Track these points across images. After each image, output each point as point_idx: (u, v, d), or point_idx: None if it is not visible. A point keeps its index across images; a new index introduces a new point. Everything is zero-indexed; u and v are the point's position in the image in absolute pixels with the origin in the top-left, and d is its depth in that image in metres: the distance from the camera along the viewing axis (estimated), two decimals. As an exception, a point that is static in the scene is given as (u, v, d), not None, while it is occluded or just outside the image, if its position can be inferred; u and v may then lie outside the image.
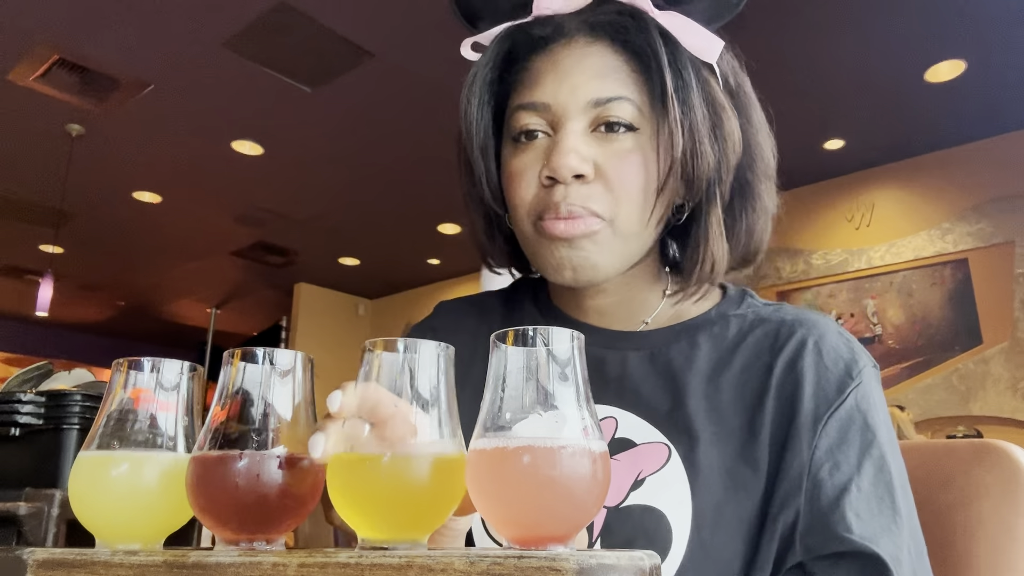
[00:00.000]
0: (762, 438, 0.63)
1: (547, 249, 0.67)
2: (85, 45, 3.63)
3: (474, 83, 0.69)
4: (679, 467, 0.64)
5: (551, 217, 0.65)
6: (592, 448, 0.41)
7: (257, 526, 0.43)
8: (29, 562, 0.44)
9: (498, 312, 0.82)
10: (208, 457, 0.44)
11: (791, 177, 4.31)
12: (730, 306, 0.73)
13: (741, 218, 0.71)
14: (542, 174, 0.66)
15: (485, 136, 0.71)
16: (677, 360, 0.69)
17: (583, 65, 0.66)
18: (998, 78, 3.83)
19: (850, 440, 0.62)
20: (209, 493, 0.43)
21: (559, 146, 0.64)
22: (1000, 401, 4.24)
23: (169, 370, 0.51)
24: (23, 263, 6.91)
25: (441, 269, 6.75)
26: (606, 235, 0.66)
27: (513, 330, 0.43)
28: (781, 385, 0.65)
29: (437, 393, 0.44)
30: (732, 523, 0.61)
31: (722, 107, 0.67)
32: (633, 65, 0.66)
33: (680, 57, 0.65)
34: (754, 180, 0.71)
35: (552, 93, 0.66)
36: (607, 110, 0.65)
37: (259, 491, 0.43)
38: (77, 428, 1.44)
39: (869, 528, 0.58)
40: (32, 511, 1.29)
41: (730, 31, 0.71)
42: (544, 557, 0.33)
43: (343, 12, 3.37)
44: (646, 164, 0.65)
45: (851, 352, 0.67)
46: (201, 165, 4.92)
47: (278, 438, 0.45)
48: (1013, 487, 0.74)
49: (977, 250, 4.44)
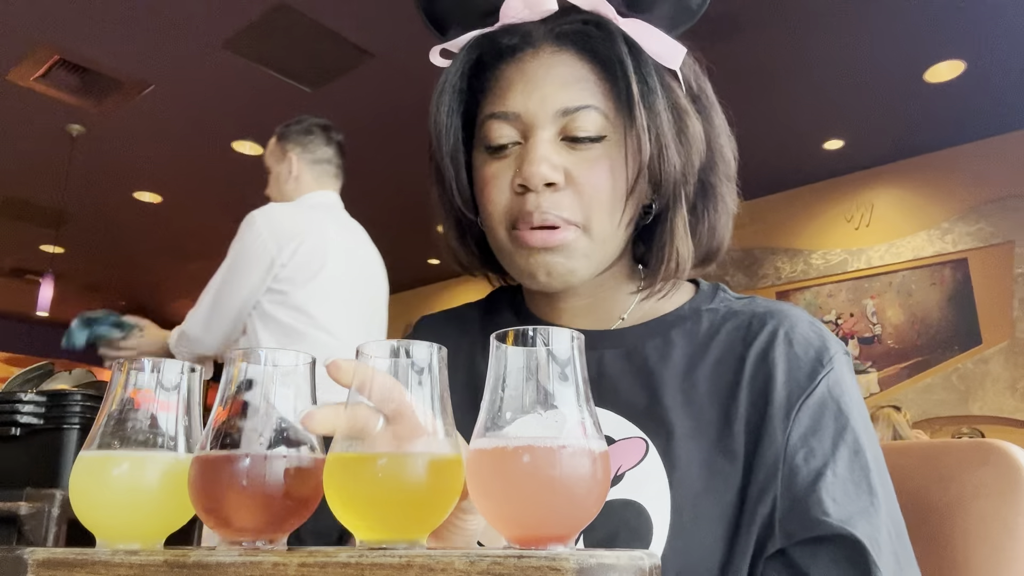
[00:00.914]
0: (737, 429, 0.64)
1: (522, 257, 0.69)
2: (85, 45, 3.63)
3: (443, 91, 0.71)
4: (657, 461, 0.65)
5: (525, 227, 0.67)
6: (592, 448, 0.41)
7: (259, 526, 0.43)
8: (29, 562, 0.44)
9: (477, 322, 0.83)
10: (210, 457, 0.44)
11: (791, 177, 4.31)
12: (703, 301, 0.74)
13: (704, 217, 0.73)
14: (514, 182, 0.68)
15: (455, 143, 0.72)
16: (652, 356, 0.70)
17: (551, 75, 0.68)
18: (998, 78, 3.84)
19: (824, 426, 0.63)
20: (211, 493, 0.43)
21: (530, 155, 0.66)
22: (1000, 401, 4.24)
23: (169, 370, 0.51)
24: (23, 263, 6.91)
25: (441, 269, 6.75)
26: (581, 242, 0.67)
27: (513, 330, 0.43)
28: (754, 376, 0.66)
29: (431, 393, 0.44)
30: (711, 513, 0.62)
31: (685, 111, 0.69)
32: (600, 73, 0.68)
33: (644, 64, 0.67)
34: (716, 181, 0.73)
35: (522, 103, 0.68)
36: (575, 120, 0.67)
37: (261, 491, 0.43)
38: (77, 428, 1.44)
39: (846, 511, 0.59)
40: (32, 511, 1.29)
41: (729, 32, 0.72)
42: (544, 557, 0.33)
43: (343, 12, 3.37)
44: (615, 170, 0.67)
45: (821, 340, 0.68)
46: (201, 165, 4.92)
47: (280, 438, 0.45)
48: (1013, 487, 0.74)
49: (977, 250, 4.44)
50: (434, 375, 0.44)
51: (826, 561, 0.58)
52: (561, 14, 0.69)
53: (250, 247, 1.96)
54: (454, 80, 0.71)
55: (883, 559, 0.58)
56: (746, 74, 3.74)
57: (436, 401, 0.44)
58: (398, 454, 0.42)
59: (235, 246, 1.99)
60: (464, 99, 0.72)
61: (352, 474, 0.42)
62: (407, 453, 0.42)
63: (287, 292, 1.94)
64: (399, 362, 0.44)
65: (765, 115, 4.15)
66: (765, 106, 4.07)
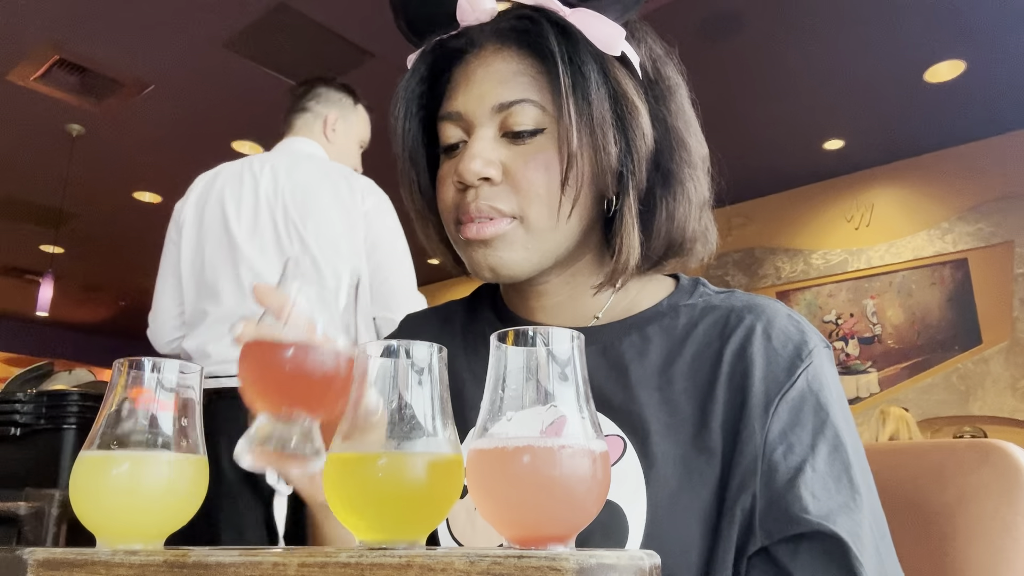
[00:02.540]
0: (714, 426, 0.64)
1: (467, 252, 0.71)
2: (85, 45, 3.63)
3: (397, 96, 0.74)
4: (634, 459, 0.64)
5: (465, 220, 0.69)
6: (592, 448, 0.41)
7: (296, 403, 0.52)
8: (29, 562, 0.44)
9: (459, 319, 0.84)
10: (265, 343, 0.51)
11: (791, 177, 4.32)
12: (682, 296, 0.74)
13: (661, 206, 0.71)
14: (454, 179, 0.69)
15: (414, 146, 0.75)
16: (629, 353, 0.70)
17: (489, 72, 0.69)
18: (998, 78, 3.84)
19: (803, 421, 0.62)
20: (262, 373, 0.52)
21: (466, 152, 0.68)
22: (1000, 401, 4.25)
23: (169, 370, 0.51)
24: (23, 263, 6.91)
25: (441, 269, 6.69)
26: (518, 233, 0.68)
27: (513, 330, 0.43)
28: (731, 372, 0.65)
29: (431, 393, 0.44)
30: (688, 512, 0.62)
31: (628, 99, 0.68)
32: (538, 67, 0.69)
33: (579, 53, 0.67)
34: (675, 167, 0.71)
35: (463, 102, 0.70)
36: (511, 115, 0.68)
37: (301, 373, 0.51)
38: (77, 428, 1.44)
39: (826, 507, 0.58)
40: (32, 511, 1.29)
41: (729, 32, 0.72)
42: (544, 557, 0.33)
43: (343, 12, 3.37)
44: (552, 162, 0.68)
45: (801, 334, 0.67)
46: (201, 165, 4.90)
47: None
48: (1013, 487, 0.74)
49: (977, 250, 4.44)
50: (434, 375, 0.44)
51: (808, 558, 0.58)
52: (506, 13, 0.71)
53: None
54: (409, 84, 0.73)
55: (866, 555, 0.57)
56: (746, 74, 3.74)
57: (436, 401, 0.44)
58: (398, 454, 0.42)
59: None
60: (424, 103, 0.74)
61: (352, 474, 0.42)
62: (407, 453, 0.42)
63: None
64: (399, 362, 0.44)
65: (765, 115, 4.15)
66: (765, 106, 4.07)
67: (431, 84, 0.74)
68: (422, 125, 0.75)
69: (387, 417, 0.43)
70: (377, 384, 0.44)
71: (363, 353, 0.45)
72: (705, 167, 0.75)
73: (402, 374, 0.44)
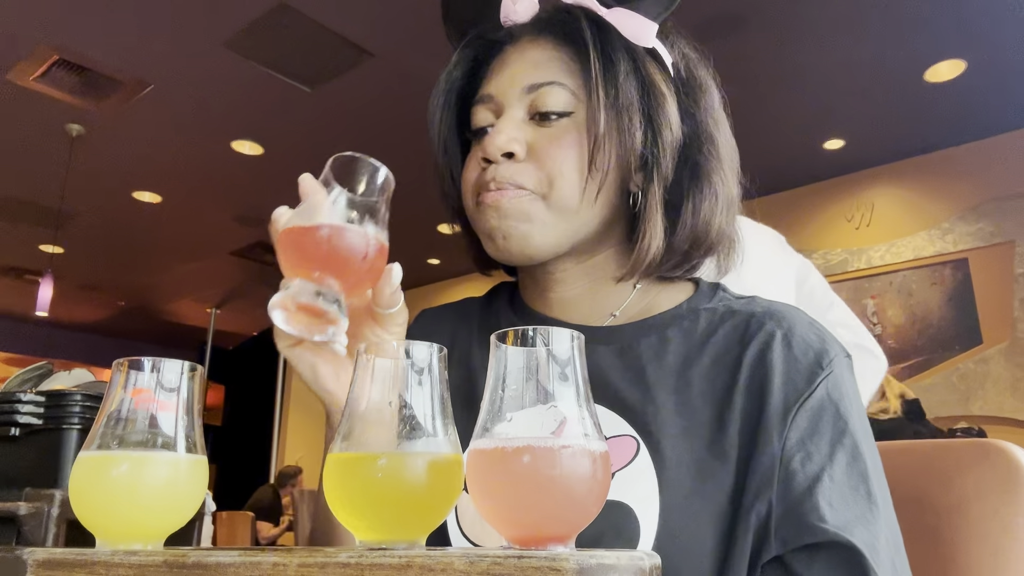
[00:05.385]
0: (731, 431, 0.63)
1: (482, 220, 0.71)
2: (85, 45, 3.63)
3: (438, 84, 0.77)
4: (647, 461, 0.64)
5: (484, 192, 0.70)
6: (592, 448, 0.41)
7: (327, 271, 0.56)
8: (29, 562, 0.44)
9: (476, 315, 0.84)
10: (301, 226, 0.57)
11: (791, 177, 4.32)
12: (701, 300, 0.73)
13: (688, 198, 0.72)
14: (480, 157, 0.71)
15: (448, 134, 0.77)
16: (647, 354, 0.69)
17: (524, 58, 0.73)
18: (998, 78, 3.84)
19: (821, 430, 0.62)
20: (298, 244, 0.57)
21: (493, 130, 0.70)
22: (1000, 401, 4.24)
23: (169, 370, 0.51)
24: (23, 263, 6.90)
25: (441, 269, 6.75)
26: (537, 208, 0.69)
27: (513, 330, 0.43)
28: (750, 378, 0.65)
29: (431, 393, 0.44)
30: (701, 516, 0.61)
31: (657, 88, 0.70)
32: (571, 54, 0.71)
33: (611, 42, 0.69)
34: (704, 162, 0.72)
35: (496, 84, 0.73)
36: (541, 95, 0.70)
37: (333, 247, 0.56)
38: (77, 428, 1.44)
39: (843, 517, 0.58)
40: (32, 511, 1.29)
41: (729, 32, 0.72)
42: (544, 557, 0.33)
43: (343, 12, 3.37)
44: (579, 144, 0.69)
45: (822, 342, 0.66)
46: (201, 165, 4.92)
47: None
48: (1013, 487, 0.74)
49: (977, 250, 4.44)
50: (434, 375, 0.44)
51: (823, 568, 0.57)
52: (546, 8, 0.74)
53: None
54: (448, 75, 0.77)
55: (881, 567, 0.56)
56: (747, 74, 3.74)
57: (436, 401, 0.44)
58: (398, 454, 0.42)
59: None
60: (462, 95, 0.77)
61: (352, 474, 0.42)
62: (407, 453, 0.42)
63: None
64: (399, 362, 0.44)
65: (766, 115, 4.15)
66: (766, 106, 4.07)
67: (470, 77, 0.77)
68: (457, 116, 0.78)
69: (388, 417, 0.43)
70: (377, 384, 0.44)
71: (363, 353, 0.45)
72: (734, 168, 0.75)
73: (402, 374, 0.44)
